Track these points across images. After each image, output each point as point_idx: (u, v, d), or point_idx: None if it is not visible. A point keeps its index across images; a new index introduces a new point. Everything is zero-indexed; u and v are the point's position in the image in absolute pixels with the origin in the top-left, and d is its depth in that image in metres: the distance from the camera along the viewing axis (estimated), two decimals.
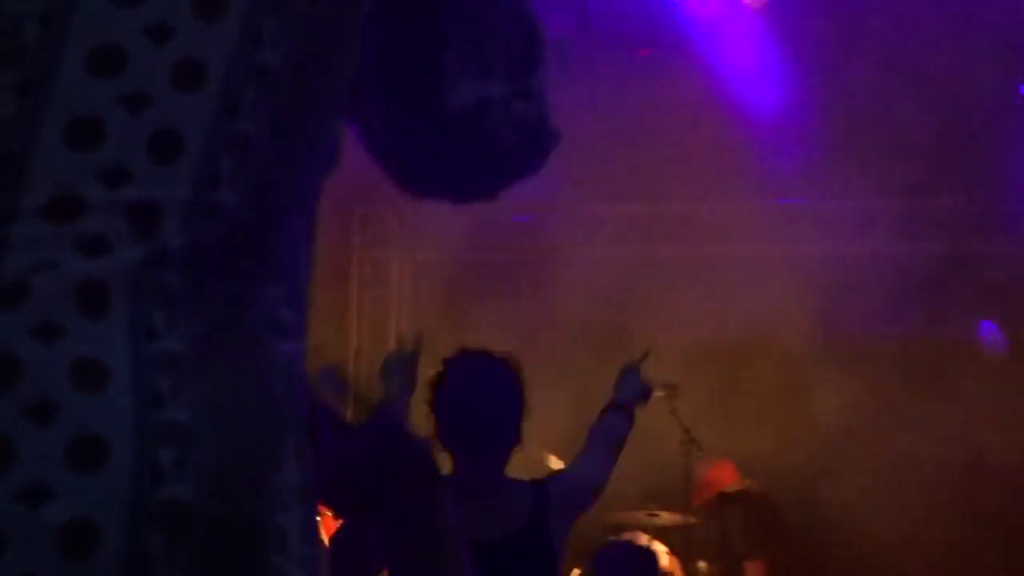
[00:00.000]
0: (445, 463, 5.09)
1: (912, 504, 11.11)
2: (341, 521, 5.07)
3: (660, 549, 7.99)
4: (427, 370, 5.52)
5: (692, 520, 10.26)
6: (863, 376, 11.44)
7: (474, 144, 1.61)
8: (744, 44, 12.38)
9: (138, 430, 1.09)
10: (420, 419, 5.51)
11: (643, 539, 7.75)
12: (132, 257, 1.13)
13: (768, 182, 12.02)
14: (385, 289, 14.57)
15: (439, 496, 3.25)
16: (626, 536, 8.71)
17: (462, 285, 13.45)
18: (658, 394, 8.47)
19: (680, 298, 11.43)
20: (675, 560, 9.36)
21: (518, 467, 5.48)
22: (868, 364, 11.58)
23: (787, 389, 11.60)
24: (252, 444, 1.18)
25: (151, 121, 1.15)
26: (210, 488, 1.12)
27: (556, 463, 8.29)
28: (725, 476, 10.87)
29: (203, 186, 1.18)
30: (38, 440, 1.06)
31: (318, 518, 1.39)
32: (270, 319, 1.26)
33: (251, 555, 1.16)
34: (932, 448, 11.10)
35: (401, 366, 5.75)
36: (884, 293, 11.67)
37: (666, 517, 10.03)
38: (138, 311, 1.13)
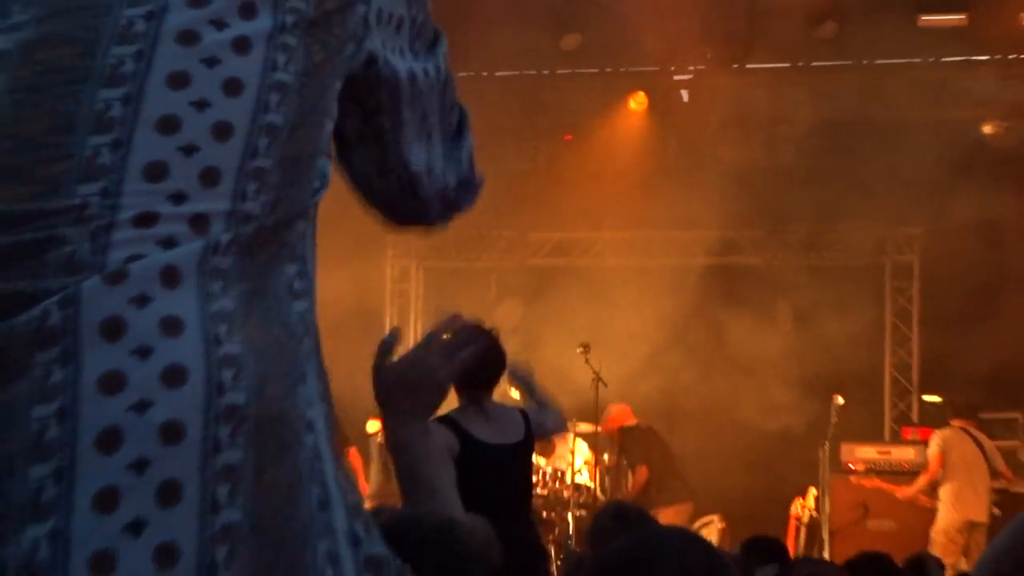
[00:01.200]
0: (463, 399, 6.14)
1: (722, 433, 13.37)
2: None
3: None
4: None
5: (600, 430, 12.12)
6: (704, 358, 13.54)
7: (420, 200, 1.77)
8: None
9: (206, 360, 1.27)
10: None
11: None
12: (194, 249, 1.30)
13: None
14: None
15: None
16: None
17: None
18: (577, 350, 11.22)
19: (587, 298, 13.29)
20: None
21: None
22: (706, 350, 13.67)
23: (661, 354, 13.22)
24: (281, 364, 1.36)
25: (200, 161, 1.32)
26: (256, 395, 1.29)
27: (515, 393, 7.92)
28: (623, 415, 12.41)
29: (236, 202, 1.35)
30: (141, 370, 1.23)
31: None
32: (287, 287, 1.42)
33: (288, 436, 1.33)
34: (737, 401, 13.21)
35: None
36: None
37: (583, 427, 11.89)
38: (201, 283, 1.30)
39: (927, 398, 12.94)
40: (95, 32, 1.31)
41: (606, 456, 12.63)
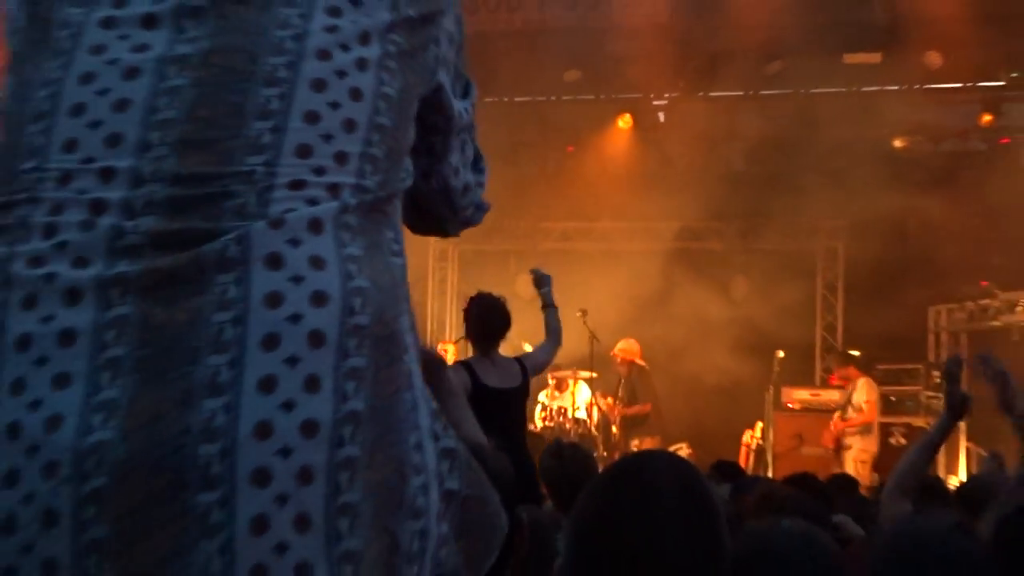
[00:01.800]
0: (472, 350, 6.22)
1: (687, 381, 13.07)
2: None
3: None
4: None
5: (596, 375, 12.30)
6: (674, 321, 13.22)
7: (455, 207, 1.74)
8: None
9: (343, 289, 1.27)
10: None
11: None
12: (332, 207, 1.31)
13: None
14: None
15: None
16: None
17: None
18: (577, 314, 11.31)
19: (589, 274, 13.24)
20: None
21: (510, 349, 6.58)
22: (676, 315, 13.34)
23: (641, 317, 13.19)
24: (391, 299, 1.35)
25: (334, 146, 1.33)
26: (375, 319, 1.29)
27: (528, 347, 8.33)
28: (637, 352, 12.29)
29: (359, 177, 1.35)
30: (295, 292, 1.23)
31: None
32: (388, 247, 1.41)
33: (395, 351, 1.32)
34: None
35: None
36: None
37: (583, 374, 12.23)
38: (337, 233, 1.30)
39: (849, 352, 12.77)
40: (256, 46, 1.32)
41: (618, 394, 12.37)
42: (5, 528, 1.10)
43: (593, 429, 12.04)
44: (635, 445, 11.43)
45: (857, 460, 11.27)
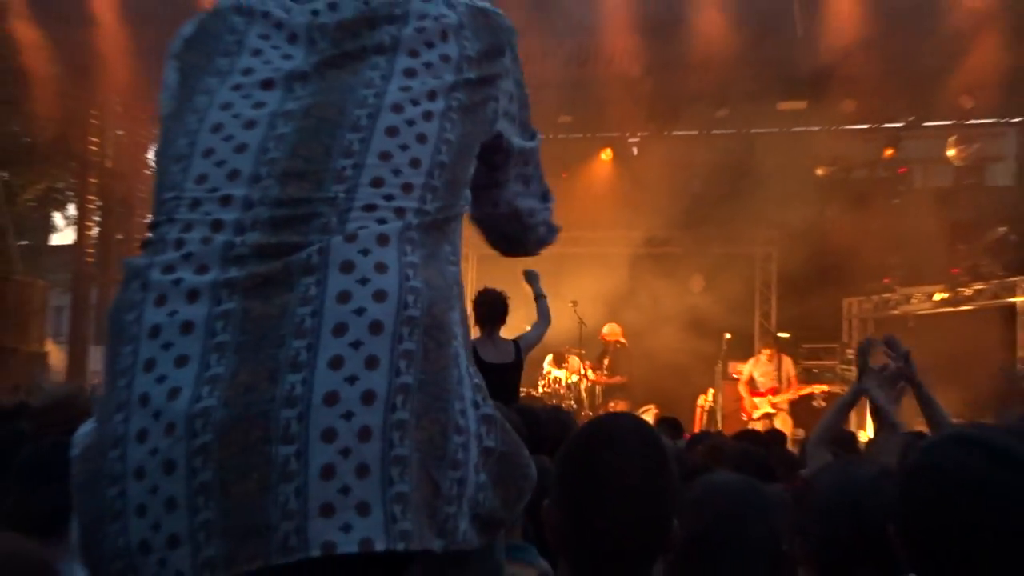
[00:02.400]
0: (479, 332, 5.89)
1: (654, 356, 12.66)
2: None
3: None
4: None
5: (583, 351, 12.19)
6: (644, 310, 13.16)
7: (526, 228, 1.73)
8: None
9: (399, 289, 1.25)
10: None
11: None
12: (397, 226, 1.29)
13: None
14: None
15: None
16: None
17: None
18: (569, 304, 11.50)
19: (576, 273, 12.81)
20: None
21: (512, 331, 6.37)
22: (645, 306, 13.31)
23: (618, 307, 13.13)
24: (442, 297, 1.32)
25: (402, 179, 1.31)
26: (425, 312, 1.26)
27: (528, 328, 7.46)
28: (620, 333, 12.35)
29: (421, 203, 1.33)
30: (361, 291, 1.23)
31: None
32: (446, 257, 1.38)
33: (443, 338, 1.29)
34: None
35: None
36: None
37: (574, 351, 12.15)
38: (400, 246, 1.28)
39: (780, 335, 12.72)
40: (345, 101, 1.33)
41: (603, 367, 12.35)
42: (136, 474, 1.14)
43: (582, 393, 11.97)
44: (611, 406, 11.32)
45: (771, 416, 11.23)
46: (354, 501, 1.13)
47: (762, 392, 11.66)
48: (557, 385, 11.99)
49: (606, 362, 12.29)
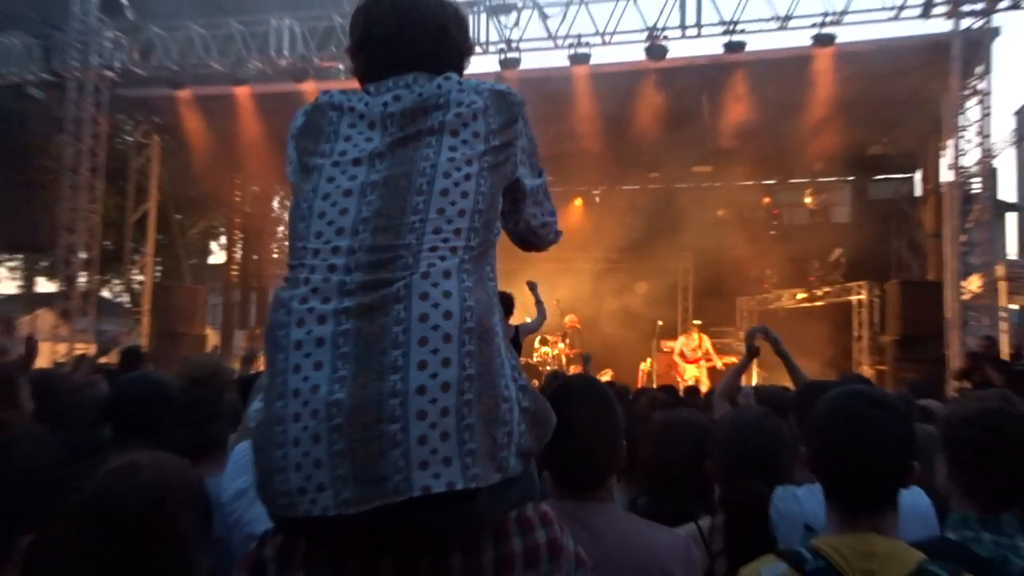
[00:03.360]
0: None
1: (611, 338, 12.62)
2: None
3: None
4: None
5: (558, 338, 12.08)
6: (603, 308, 13.00)
7: (540, 236, 1.53)
8: None
9: (460, 308, 1.17)
10: None
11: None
12: (455, 262, 1.20)
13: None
14: None
15: None
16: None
17: None
18: (555, 302, 11.24)
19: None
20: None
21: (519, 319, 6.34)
22: (604, 305, 13.03)
23: (585, 306, 13.03)
24: (487, 309, 1.21)
25: (454, 226, 1.23)
26: (478, 322, 1.18)
27: (528, 319, 7.17)
28: (576, 321, 12.41)
29: (468, 242, 1.23)
30: (435, 312, 1.16)
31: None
32: (488, 276, 1.27)
33: (489, 337, 1.19)
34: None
35: None
36: None
37: (557, 334, 12.02)
38: (459, 276, 1.19)
39: (695, 322, 12.52)
40: (410, 172, 1.25)
41: (564, 343, 12.20)
42: (294, 443, 1.11)
43: (563, 361, 11.76)
44: (572, 370, 10.93)
45: (698, 379, 11.06)
46: (440, 457, 1.10)
47: (691, 360, 11.58)
48: (544, 356, 11.80)
49: (567, 340, 12.11)
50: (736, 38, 9.35)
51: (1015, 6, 8.57)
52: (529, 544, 1.19)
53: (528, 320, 6.51)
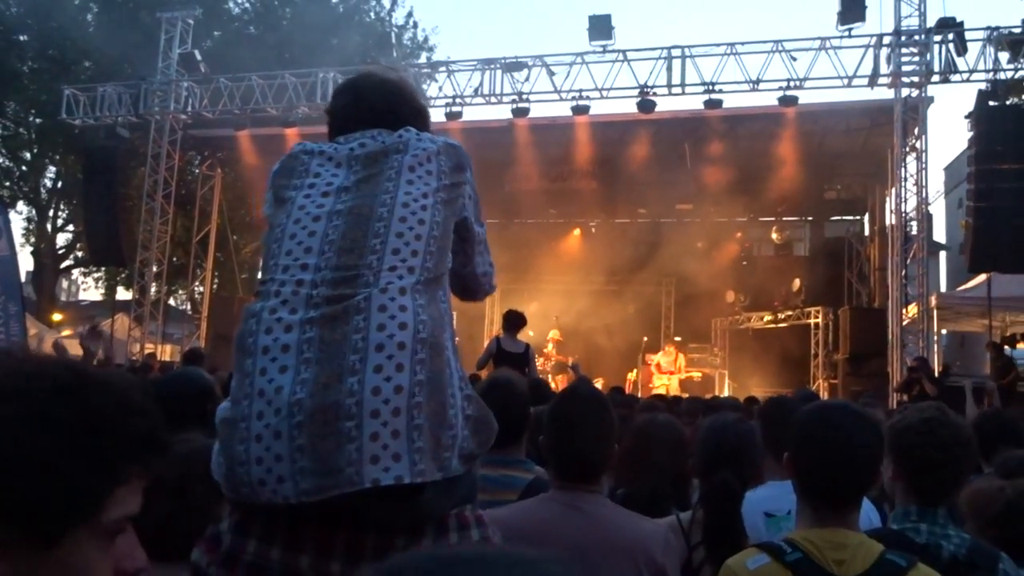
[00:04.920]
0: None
1: (600, 350, 12.33)
2: None
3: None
4: None
5: (552, 340, 11.99)
6: (594, 323, 12.49)
7: (480, 284, 1.44)
8: None
9: (415, 321, 1.12)
10: None
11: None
12: (411, 280, 1.15)
13: None
14: None
15: None
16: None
17: None
18: (553, 318, 11.40)
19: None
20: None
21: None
22: (597, 319, 12.63)
23: (580, 322, 12.67)
24: (439, 325, 1.15)
25: (411, 248, 1.18)
26: (430, 334, 1.12)
27: (531, 333, 7.30)
28: (557, 336, 11.92)
29: (424, 265, 1.18)
30: (390, 323, 1.11)
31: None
32: (440, 298, 1.20)
33: (440, 349, 1.13)
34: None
35: None
36: None
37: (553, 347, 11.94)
38: (414, 294, 1.14)
39: (676, 339, 12.45)
40: (372, 203, 1.21)
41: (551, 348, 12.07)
42: (256, 439, 1.08)
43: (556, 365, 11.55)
44: (558, 378, 10.47)
45: (667, 387, 10.82)
46: (391, 453, 1.05)
47: (665, 371, 11.50)
48: (544, 364, 11.61)
49: (555, 350, 11.98)
50: (714, 96, 9.62)
51: (945, 80, 9.01)
52: (464, 540, 1.14)
53: (531, 334, 6.28)
